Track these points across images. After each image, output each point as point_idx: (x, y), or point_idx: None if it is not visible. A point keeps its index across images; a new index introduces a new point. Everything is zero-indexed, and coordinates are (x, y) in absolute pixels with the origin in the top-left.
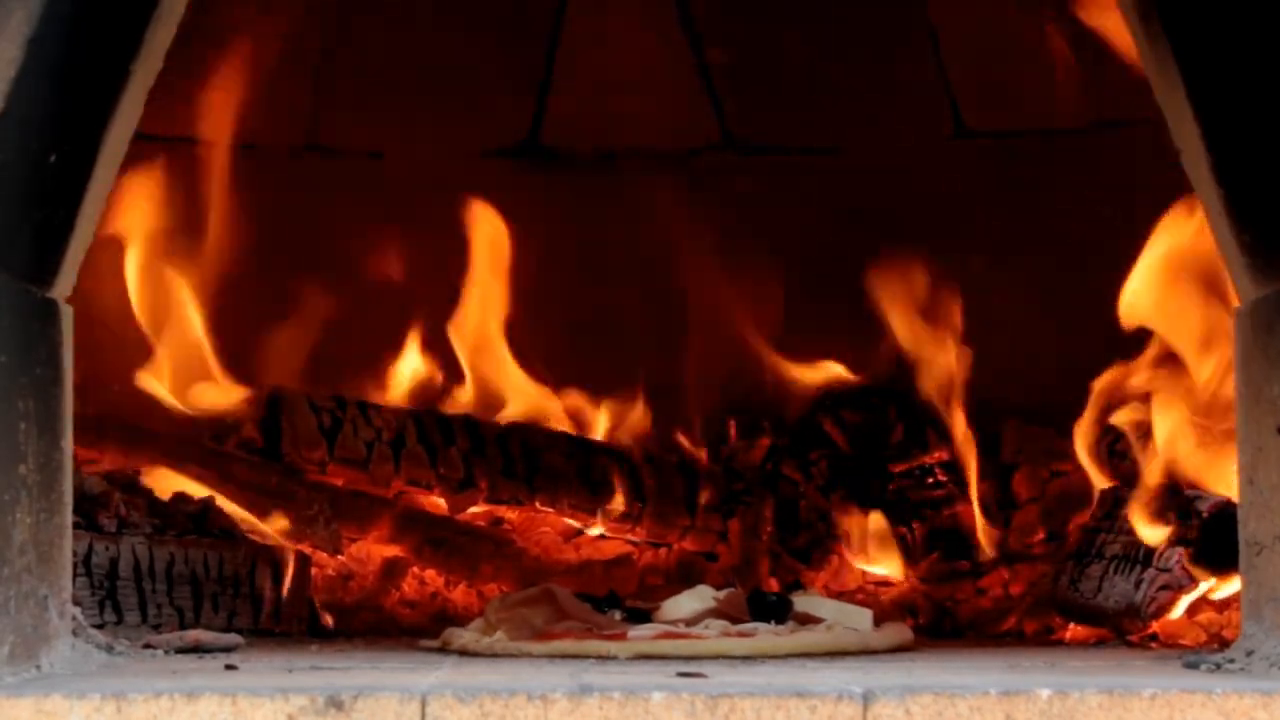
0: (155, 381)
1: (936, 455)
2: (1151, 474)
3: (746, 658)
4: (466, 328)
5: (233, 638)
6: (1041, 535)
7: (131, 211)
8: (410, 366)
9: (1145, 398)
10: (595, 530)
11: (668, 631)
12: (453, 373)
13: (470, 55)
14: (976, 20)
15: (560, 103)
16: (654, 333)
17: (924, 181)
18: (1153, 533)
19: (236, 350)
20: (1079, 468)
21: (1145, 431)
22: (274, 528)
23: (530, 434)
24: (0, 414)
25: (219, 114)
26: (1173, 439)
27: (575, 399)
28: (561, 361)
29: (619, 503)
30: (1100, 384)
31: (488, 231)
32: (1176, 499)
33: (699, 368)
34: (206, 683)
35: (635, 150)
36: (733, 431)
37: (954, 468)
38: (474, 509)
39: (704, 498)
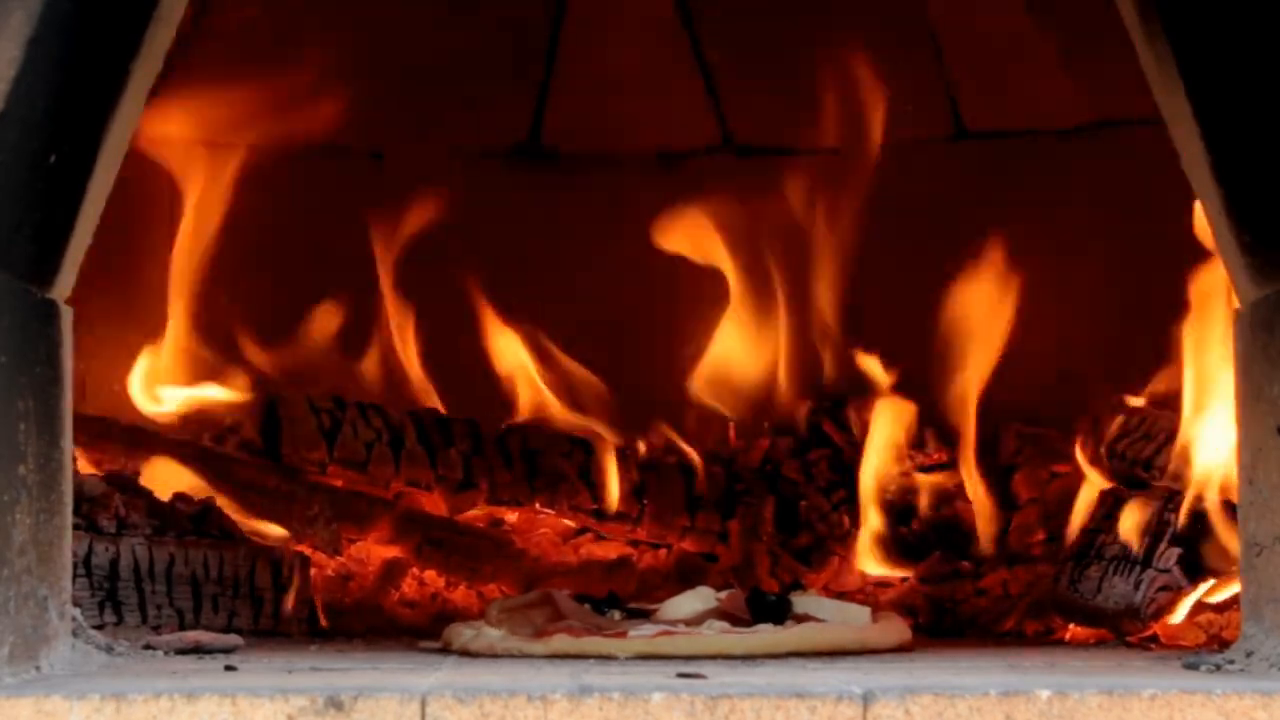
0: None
1: (935, 456)
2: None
3: (746, 657)
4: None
5: (232, 638)
6: (1041, 536)
7: (130, 214)
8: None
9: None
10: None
11: (667, 630)
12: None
13: (470, 55)
14: (976, 20)
15: (560, 103)
16: (654, 333)
17: (924, 181)
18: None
19: (235, 350)
20: (1079, 468)
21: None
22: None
23: (530, 434)
24: None
25: (219, 114)
26: None
27: (580, 400)
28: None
29: (616, 500)
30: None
31: None
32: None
33: (699, 368)
34: (206, 683)
35: (635, 150)
36: (732, 432)
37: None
38: (474, 510)
39: (703, 498)
